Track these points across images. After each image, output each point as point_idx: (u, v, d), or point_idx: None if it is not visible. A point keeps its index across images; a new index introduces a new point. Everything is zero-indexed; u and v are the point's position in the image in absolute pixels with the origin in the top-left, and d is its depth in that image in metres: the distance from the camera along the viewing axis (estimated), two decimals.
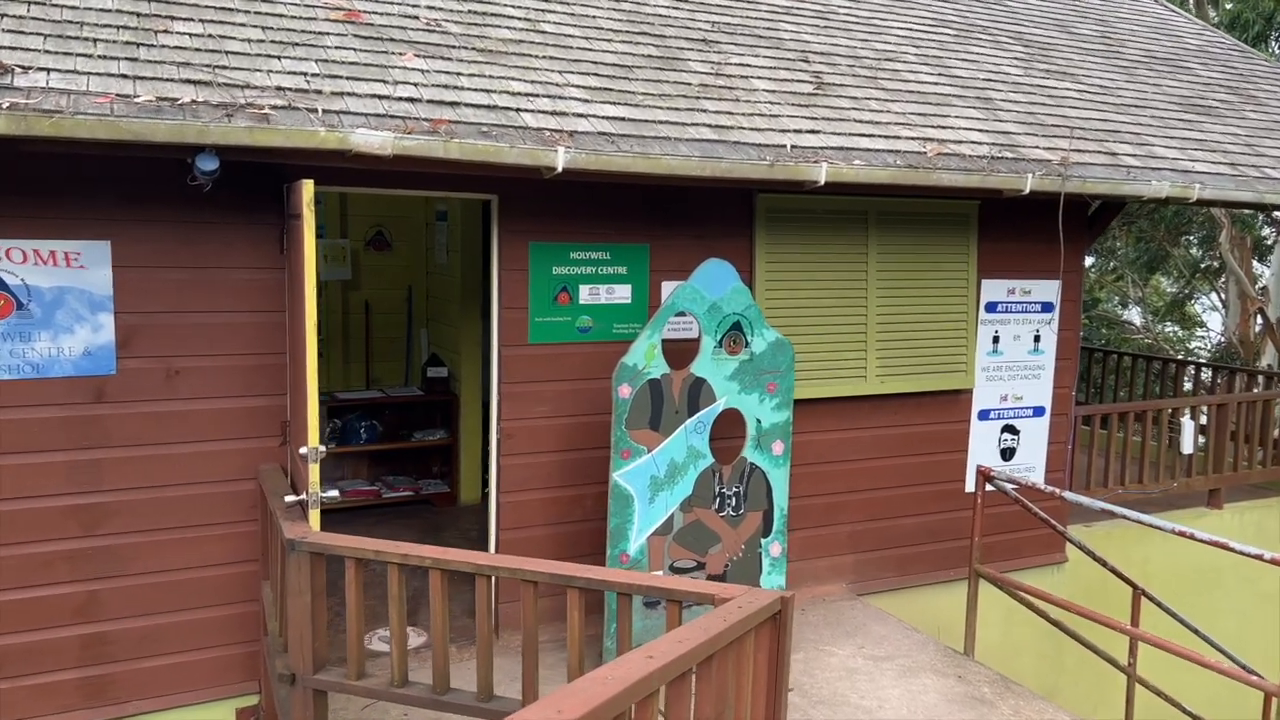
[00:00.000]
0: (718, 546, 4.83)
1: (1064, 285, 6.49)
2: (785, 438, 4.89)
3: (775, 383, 4.84)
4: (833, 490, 5.92)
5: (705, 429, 4.72)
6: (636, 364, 4.55)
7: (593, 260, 5.10)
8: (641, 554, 4.66)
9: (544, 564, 3.35)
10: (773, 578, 4.95)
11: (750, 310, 4.76)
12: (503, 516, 5.05)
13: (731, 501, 4.84)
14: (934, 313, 6.01)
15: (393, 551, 3.46)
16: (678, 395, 4.65)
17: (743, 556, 4.88)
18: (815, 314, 5.66)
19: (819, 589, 5.93)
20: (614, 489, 4.57)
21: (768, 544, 4.92)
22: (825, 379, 5.73)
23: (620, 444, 4.56)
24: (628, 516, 4.61)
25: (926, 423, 6.17)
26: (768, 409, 4.84)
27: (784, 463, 4.91)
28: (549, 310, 5.03)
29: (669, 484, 4.68)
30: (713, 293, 4.68)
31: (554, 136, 4.25)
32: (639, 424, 4.58)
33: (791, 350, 4.86)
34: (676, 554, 4.74)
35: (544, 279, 5.00)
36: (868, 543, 6.07)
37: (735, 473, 4.82)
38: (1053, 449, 6.63)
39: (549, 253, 4.99)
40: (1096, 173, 5.59)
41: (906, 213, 5.84)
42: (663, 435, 4.64)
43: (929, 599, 6.30)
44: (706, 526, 4.79)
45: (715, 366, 4.71)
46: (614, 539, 4.60)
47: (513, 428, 5.01)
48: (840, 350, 5.75)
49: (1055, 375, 6.55)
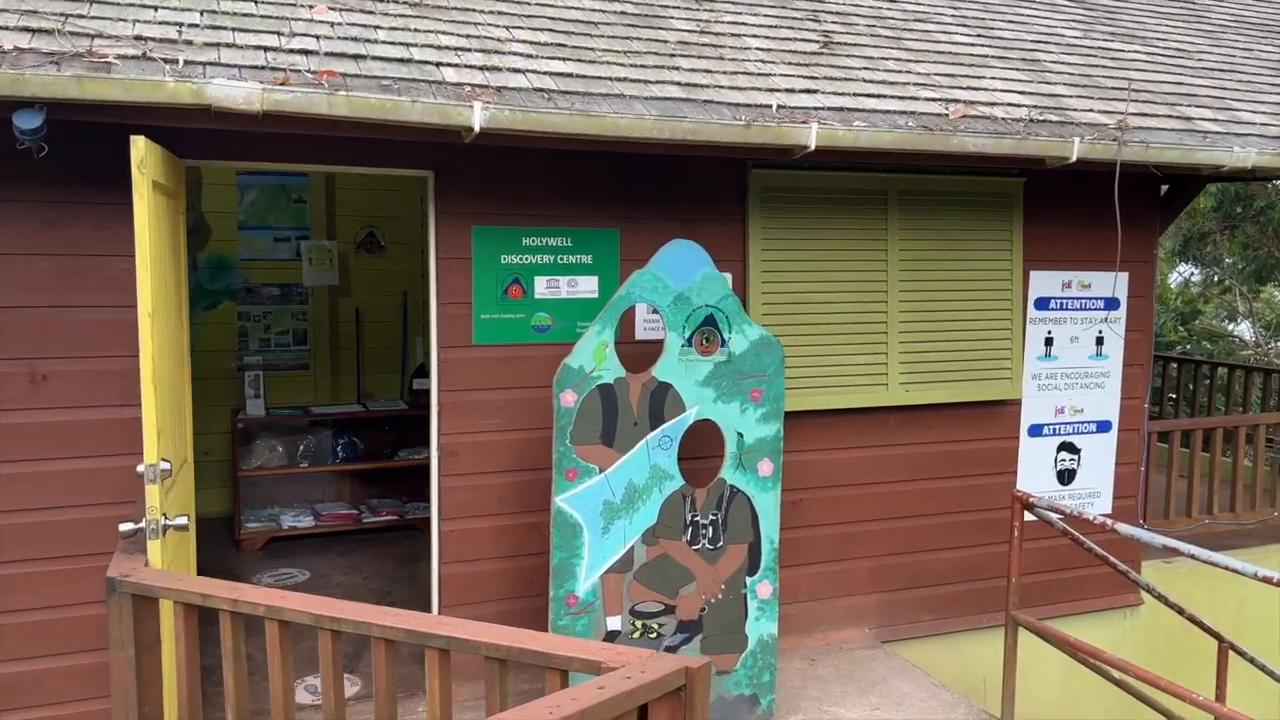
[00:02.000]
0: (691, 586, 4.02)
1: (1131, 278, 5.51)
2: (774, 455, 4.06)
3: (760, 389, 4.02)
4: (850, 518, 5.04)
5: (672, 445, 3.93)
6: (583, 366, 3.79)
7: (551, 247, 4.36)
8: (593, 595, 3.87)
9: (397, 616, 2.60)
10: (761, 624, 4.11)
11: (726, 302, 3.96)
12: (446, 548, 4.33)
13: (707, 532, 4.02)
14: (970, 310, 5.11)
15: (224, 596, 2.76)
16: (636, 404, 3.87)
17: (723, 598, 4.06)
18: (823, 312, 4.82)
19: (836, 635, 5.05)
20: (557, 516, 3.81)
21: (754, 584, 4.09)
22: (838, 388, 4.87)
23: (564, 462, 3.79)
24: (575, 550, 3.84)
25: (965, 439, 5.25)
26: (751, 421, 4.02)
27: (773, 486, 4.08)
28: (498, 306, 4.30)
29: (627, 511, 3.89)
30: (678, 280, 3.90)
31: (473, 92, 3.54)
32: (588, 438, 3.81)
33: (780, 350, 4.04)
34: (639, 595, 3.95)
35: (491, 269, 4.28)
36: (895, 580, 5.17)
37: (711, 498, 4.01)
38: (1121, 471, 5.62)
39: (496, 238, 4.27)
40: (1164, 138, 4.64)
41: (935, 192, 4.96)
42: (618, 452, 3.86)
43: (970, 647, 5.35)
44: (676, 562, 3.98)
45: (684, 369, 3.92)
46: (559, 577, 3.83)
47: (455, 444, 4.29)
48: (856, 355, 4.90)
49: (1123, 384, 5.56)
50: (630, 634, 3.94)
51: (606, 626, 3.91)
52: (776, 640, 4.17)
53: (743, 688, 4.11)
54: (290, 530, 6.29)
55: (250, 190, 6.92)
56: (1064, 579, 5.53)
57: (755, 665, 4.12)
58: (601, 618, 3.89)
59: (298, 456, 6.37)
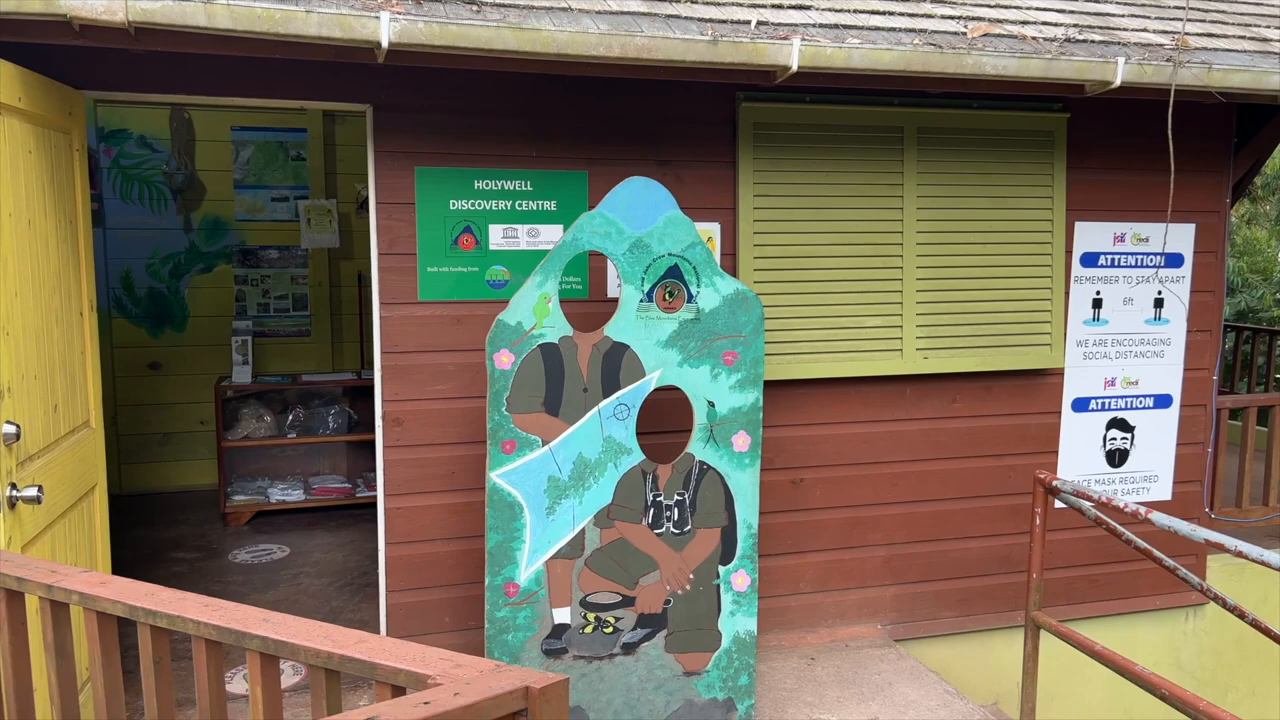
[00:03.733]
0: (653, 576, 3.52)
1: (1199, 231, 4.79)
2: (752, 428, 3.53)
3: (735, 351, 3.49)
4: (861, 501, 4.47)
5: (630, 415, 3.43)
6: (521, 322, 3.31)
7: (508, 192, 3.88)
8: (537, 583, 3.41)
9: (217, 611, 2.17)
10: (737, 619, 3.59)
11: (693, 250, 3.43)
12: (391, 527, 3.91)
13: (672, 514, 3.52)
14: (1002, 267, 4.46)
15: (39, 581, 2.36)
16: (586, 368, 3.38)
17: (691, 590, 3.55)
18: (827, 268, 4.24)
19: (843, 631, 4.50)
20: (493, 494, 3.35)
21: (728, 574, 3.57)
22: (845, 354, 4.30)
23: (500, 433, 3.32)
24: (514, 532, 3.37)
25: (997, 414, 4.62)
26: (724, 388, 3.49)
27: (750, 462, 3.55)
28: (446, 258, 3.84)
29: (577, 489, 3.40)
30: (636, 224, 3.38)
31: (384, 1, 3.06)
32: (528, 405, 3.34)
33: (759, 307, 3.50)
34: (591, 584, 3.46)
35: (438, 216, 3.82)
36: (912, 571, 4.59)
37: (677, 475, 3.50)
38: (1184, 452, 4.92)
39: (444, 181, 3.81)
40: (1232, 60, 3.93)
41: (961, 129, 4.33)
42: (565, 422, 3.37)
43: (999, 649, 4.74)
44: (636, 548, 3.49)
45: (643, 328, 3.41)
46: (495, 562, 3.37)
47: (400, 412, 3.86)
48: (865, 318, 4.31)
49: (1186, 352, 4.84)
50: (581, 628, 3.47)
51: (553, 619, 3.44)
52: (756, 638, 3.65)
53: (715, 691, 3.60)
54: (279, 504, 5.98)
55: (246, 147, 6.60)
56: (1114, 573, 4.87)
57: (730, 666, 3.61)
58: (547, 609, 3.43)
59: (286, 427, 6.05)
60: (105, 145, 6.33)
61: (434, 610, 3.93)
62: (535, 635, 3.43)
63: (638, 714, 3.53)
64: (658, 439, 3.65)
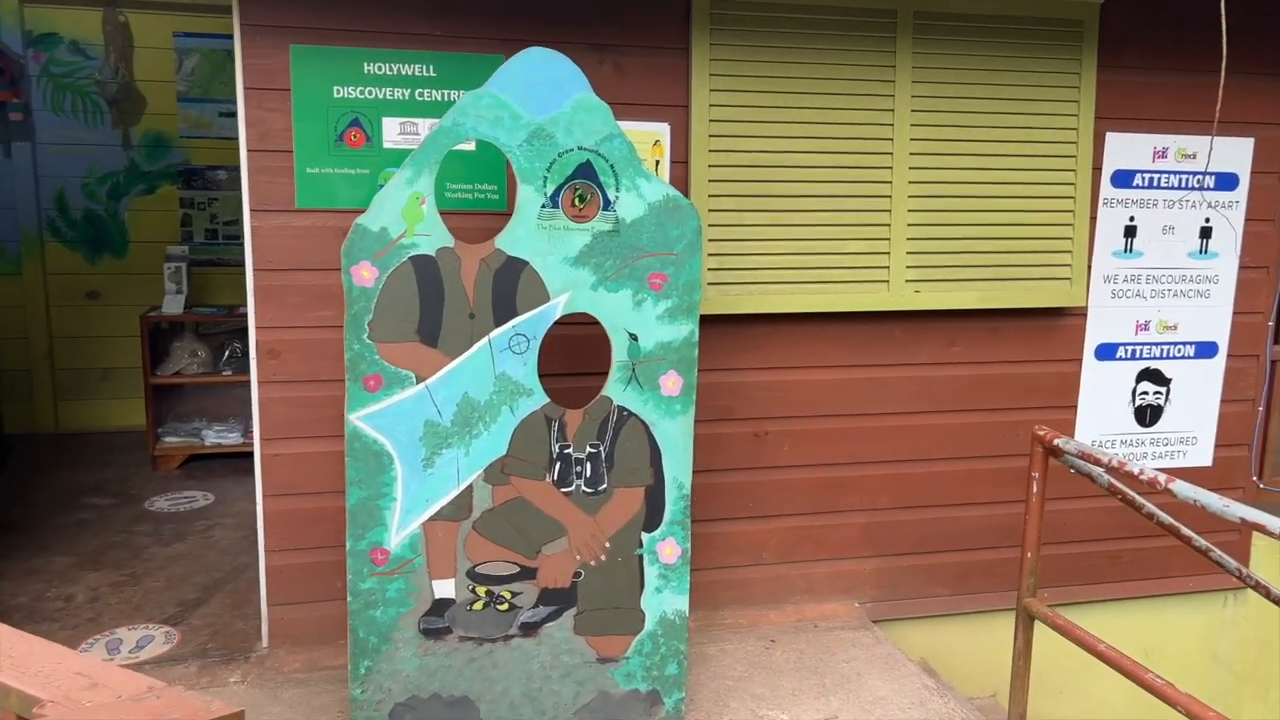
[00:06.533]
0: (559, 544, 2.90)
1: (1258, 146, 4.00)
2: (684, 367, 2.88)
3: (663, 273, 2.83)
4: (837, 459, 3.82)
5: (530, 347, 2.79)
6: (386, 229, 2.67)
7: (406, 78, 3.23)
8: (411, 549, 2.81)
9: None
10: (664, 597, 2.97)
11: (612, 145, 2.76)
12: (268, 477, 3.33)
13: (584, 470, 2.89)
14: (1014, 185, 3.73)
15: None
16: (473, 288, 2.74)
17: (608, 561, 2.93)
18: (797, 180, 3.55)
19: (813, 609, 3.87)
20: (353, 441, 2.74)
21: (654, 542, 2.95)
22: (818, 285, 3.61)
23: (361, 365, 2.71)
24: (381, 487, 2.76)
25: (1003, 360, 3.92)
26: (649, 317, 2.84)
27: (682, 410, 2.90)
28: (330, 157, 3.21)
29: (461, 437, 2.78)
30: (535, 107, 2.71)
31: None
32: (397, 333, 2.71)
33: (695, 217, 2.83)
34: (481, 552, 2.86)
35: (319, 107, 3.18)
36: (898, 542, 3.94)
37: (590, 423, 2.86)
38: (1229, 410, 4.18)
39: (327, 64, 3.17)
40: None
41: (967, 15, 3.58)
42: (445, 354, 2.74)
43: (1002, 632, 4.07)
44: (537, 509, 2.87)
45: (546, 240, 2.76)
46: (358, 524, 2.77)
47: (276, 342, 3.26)
48: (845, 240, 3.62)
49: (1237, 293, 4.09)
50: (469, 605, 2.87)
51: (434, 593, 2.84)
52: (686, 619, 3.02)
53: (636, 681, 3.00)
54: (214, 447, 5.46)
55: (190, 55, 5.99)
56: (1140, 549, 4.18)
57: (655, 652, 3.00)
58: (425, 581, 2.83)
59: (222, 364, 5.50)
60: (34, 50, 5.76)
61: (320, 575, 3.37)
62: (410, 612, 2.84)
63: (540, 707, 2.94)
64: (569, 382, 3.02)
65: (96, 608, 3.75)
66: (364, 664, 2.82)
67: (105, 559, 4.19)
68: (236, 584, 3.96)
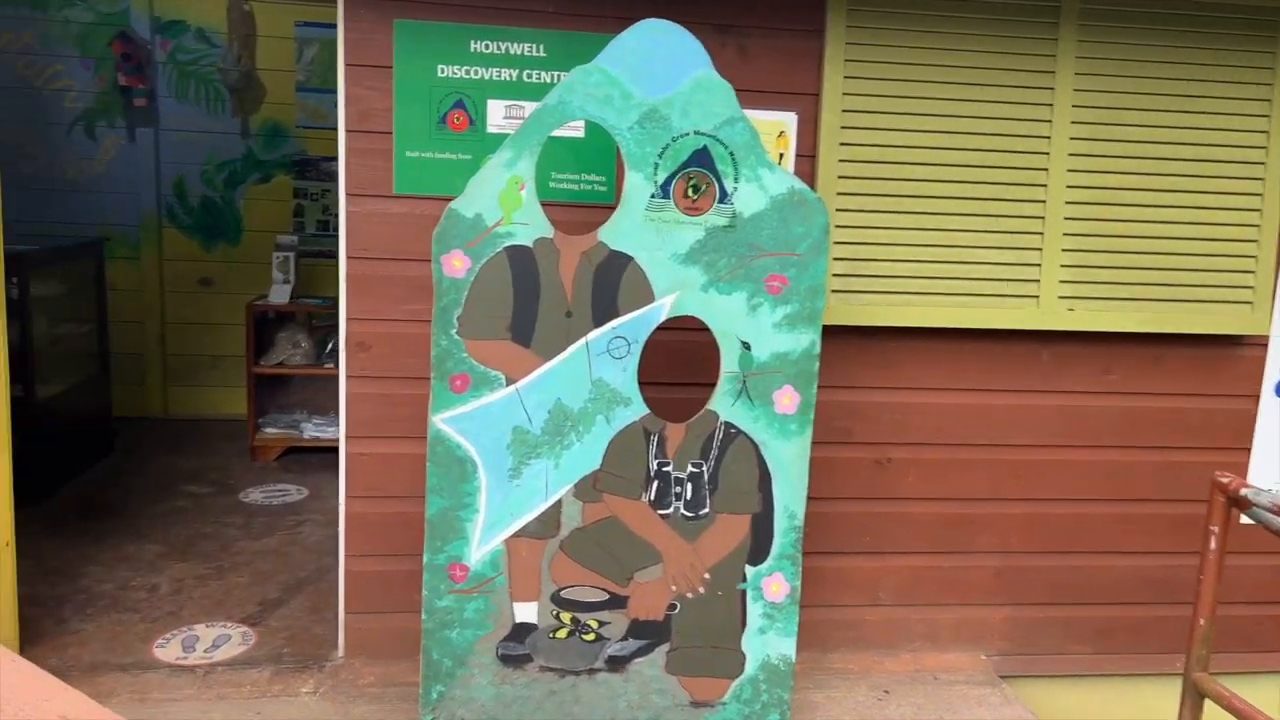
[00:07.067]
0: (653, 571, 2.62)
1: None
2: (803, 383, 2.56)
3: (784, 275, 2.52)
4: (969, 493, 3.42)
5: (631, 352, 2.51)
6: (481, 215, 2.44)
7: (514, 58, 3.00)
8: (493, 567, 2.56)
9: None
10: (768, 640, 2.66)
11: (733, 130, 2.47)
12: (352, 477, 3.14)
13: (684, 491, 2.60)
14: (1189, 192, 3.28)
15: None
16: (571, 284, 2.48)
17: (707, 595, 2.63)
18: (940, 179, 3.18)
19: (933, 658, 3.48)
20: (436, 445, 2.51)
21: (760, 576, 2.63)
22: (956, 298, 3.24)
23: (448, 362, 2.48)
24: (464, 497, 2.53)
25: (1167, 392, 3.46)
26: (766, 325, 2.53)
27: (799, 429, 2.58)
28: (431, 140, 3.01)
29: (552, 446, 2.53)
30: (650, 87, 2.44)
31: None
32: (488, 329, 2.47)
33: (823, 213, 2.51)
34: (568, 574, 2.59)
35: (421, 86, 2.99)
36: (1033, 590, 3.51)
37: (694, 439, 2.57)
38: None
39: (432, 40, 2.97)
40: None
41: (1141, 5, 3.16)
42: (538, 355, 2.49)
43: (1150, 699, 3.61)
44: (631, 532, 2.59)
45: (654, 235, 2.48)
46: (437, 535, 2.55)
47: (367, 333, 3.07)
48: (990, 249, 3.23)
49: None
50: (553, 631, 2.61)
51: (514, 616, 2.60)
52: (793, 665, 2.70)
53: None
54: (312, 441, 5.37)
55: (310, 44, 5.96)
56: None
57: (756, 700, 2.68)
58: (506, 603, 2.58)
59: (325, 356, 5.42)
60: (161, 38, 5.81)
61: (400, 584, 3.16)
62: (489, 635, 2.59)
63: None
64: (670, 392, 2.74)
65: (178, 600, 3.64)
66: (436, 688, 2.58)
67: (194, 550, 4.11)
68: (319, 586, 3.80)
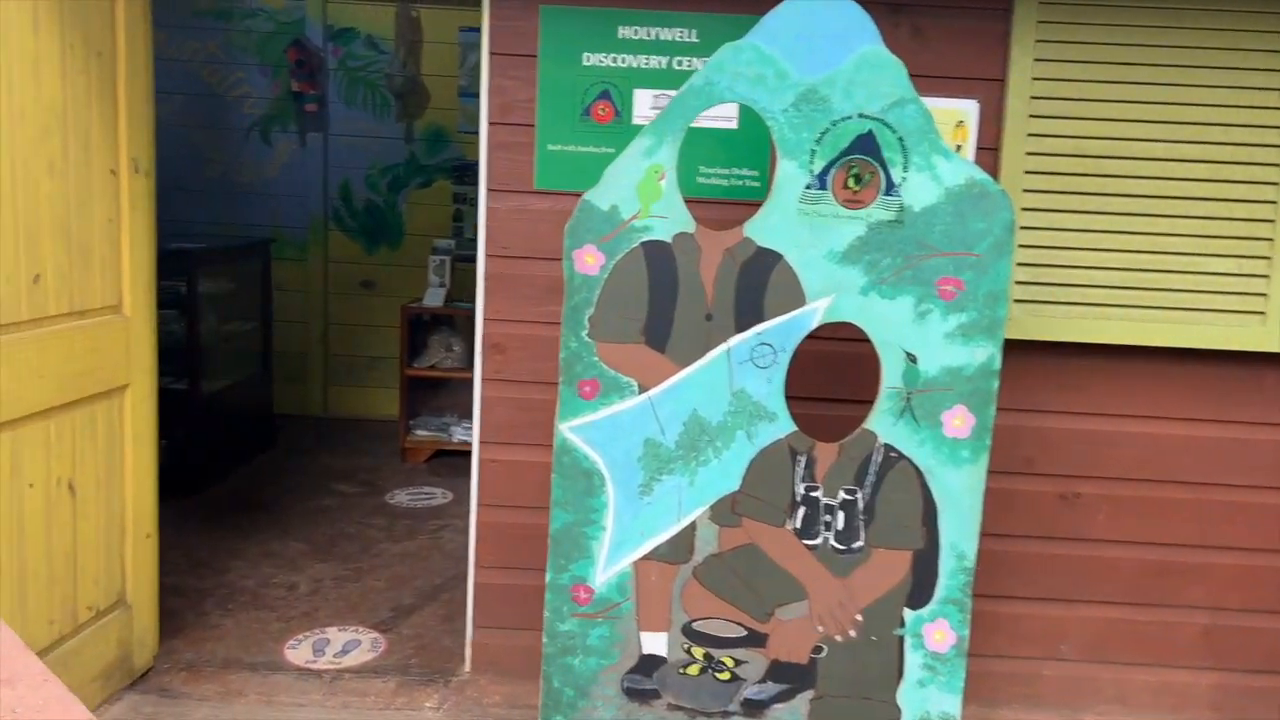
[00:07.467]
0: (797, 607, 2.34)
1: None
2: (979, 403, 2.23)
3: (959, 279, 2.20)
4: (1173, 538, 2.97)
5: (777, 361, 2.25)
6: (618, 207, 2.23)
7: (663, 44, 2.80)
8: (619, 591, 2.34)
9: None
10: (929, 694, 2.33)
11: (903, 113, 2.17)
12: (484, 484, 3.00)
13: (835, 520, 2.31)
14: None
15: None
16: (713, 284, 2.24)
17: (859, 639, 2.33)
18: (1145, 176, 2.77)
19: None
20: (562, 454, 2.31)
21: (921, 622, 2.31)
22: (1163, 312, 2.81)
23: (577, 366, 2.28)
24: (590, 513, 2.32)
25: None
26: (936, 334, 2.22)
27: (972, 456, 2.25)
28: (573, 132, 2.84)
29: (686, 462, 2.29)
30: (808, 64, 2.18)
31: None
32: (620, 331, 2.26)
33: (1007, 209, 2.18)
34: (701, 605, 2.35)
35: (566, 76, 2.82)
36: (1249, 653, 3.02)
37: (848, 463, 2.28)
38: None
39: (577, 25, 2.80)
40: None
41: None
42: (674, 362, 2.26)
43: None
44: (772, 562, 2.32)
45: (808, 230, 2.21)
46: (560, 552, 2.35)
47: (502, 336, 2.93)
48: (1204, 257, 2.79)
49: None
50: (682, 667, 2.37)
51: (641, 647, 2.37)
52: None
53: None
54: (461, 445, 5.33)
55: (473, 50, 5.94)
56: None
57: None
58: (633, 631, 2.36)
59: None
60: (333, 45, 5.95)
61: (529, 600, 2.99)
62: (614, 665, 2.38)
63: None
64: (819, 408, 2.46)
65: (314, 601, 3.61)
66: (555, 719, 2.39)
67: (335, 550, 4.09)
68: (453, 594, 3.70)
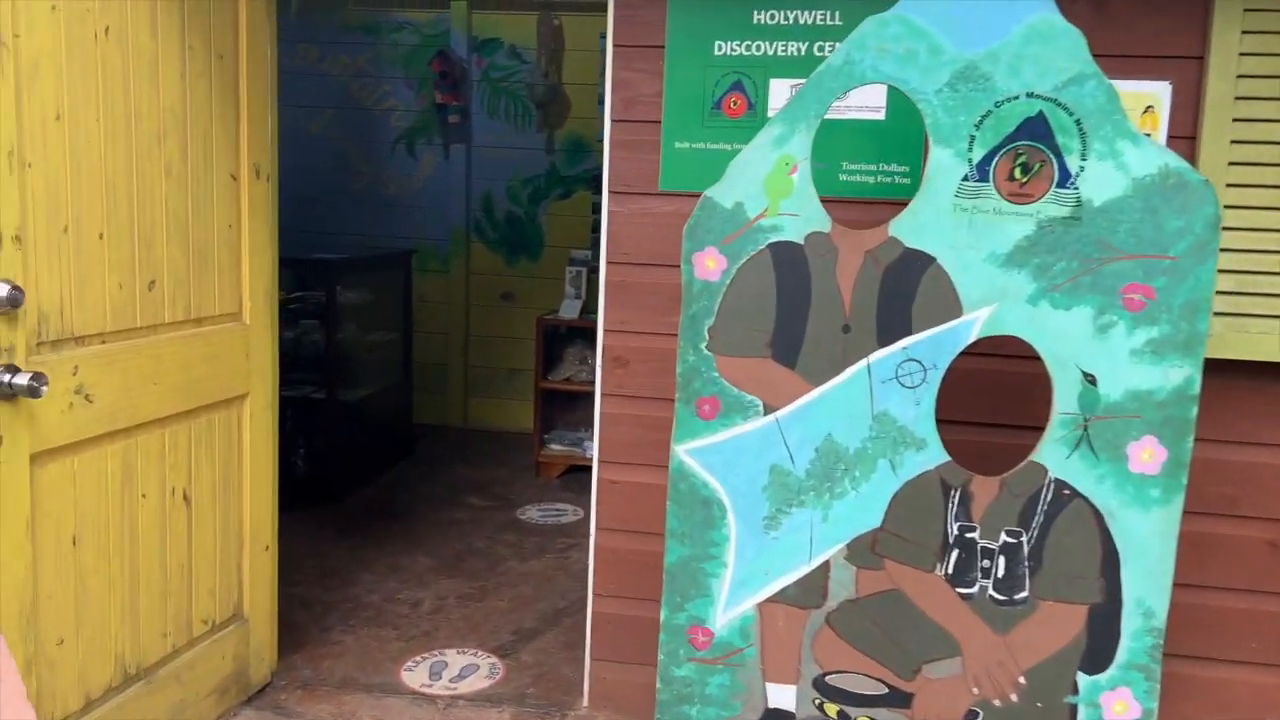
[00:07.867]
0: (948, 665, 2.03)
1: None
2: (1173, 433, 1.87)
3: (1148, 286, 1.86)
4: None
5: (927, 380, 1.96)
6: (743, 204, 1.99)
7: (802, 28, 2.54)
8: (742, 636, 2.09)
9: None
10: None
11: (1081, 91, 1.85)
12: (603, 506, 2.81)
13: (995, 567, 1.99)
14: None
15: None
16: (850, 290, 1.97)
17: (1021, 704, 2.00)
18: None
19: None
20: (677, 479, 2.08)
21: (1098, 690, 1.96)
22: None
23: (695, 381, 2.05)
24: (709, 547, 2.08)
25: None
26: (1120, 351, 1.88)
27: (1163, 497, 1.90)
28: (703, 128, 2.61)
29: (819, 493, 2.02)
30: (965, 38, 1.88)
31: None
32: (744, 344, 2.02)
33: (1211, 203, 1.83)
34: (835, 656, 2.07)
35: (695, 66, 2.60)
36: None
37: (1011, 500, 1.96)
38: None
39: (709, 12, 2.57)
40: None
41: None
42: (805, 379, 2.00)
43: None
44: (919, 612, 2.02)
45: (965, 228, 1.91)
46: (676, 588, 2.11)
47: (625, 348, 2.73)
48: None
49: None
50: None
51: (767, 700, 2.11)
52: None
53: None
54: None
55: None
56: None
57: None
58: (757, 682, 2.10)
59: None
60: (477, 56, 5.94)
61: (650, 633, 2.77)
62: (735, 718, 2.12)
63: None
64: (978, 435, 2.14)
65: (436, 620, 3.50)
66: None
67: (462, 566, 3.99)
68: (577, 619, 3.52)
